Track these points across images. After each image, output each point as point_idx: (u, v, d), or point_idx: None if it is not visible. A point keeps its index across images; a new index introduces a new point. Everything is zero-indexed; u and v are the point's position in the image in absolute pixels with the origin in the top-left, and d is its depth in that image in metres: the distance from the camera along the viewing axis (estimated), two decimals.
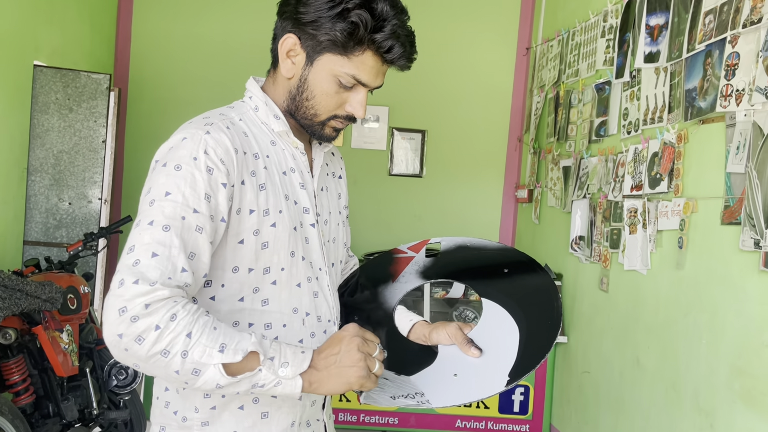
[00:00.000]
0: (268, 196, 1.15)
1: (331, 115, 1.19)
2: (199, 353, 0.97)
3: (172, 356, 0.97)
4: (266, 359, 1.01)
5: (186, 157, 1.07)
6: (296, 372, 1.02)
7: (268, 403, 1.17)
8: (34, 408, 2.63)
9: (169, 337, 0.96)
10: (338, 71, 1.15)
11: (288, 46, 1.17)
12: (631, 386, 2.96)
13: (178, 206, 1.04)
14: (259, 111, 1.22)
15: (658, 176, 2.77)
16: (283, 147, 1.22)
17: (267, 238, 1.14)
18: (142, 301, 0.96)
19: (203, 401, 1.15)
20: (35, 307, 2.48)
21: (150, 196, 1.06)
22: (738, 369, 2.22)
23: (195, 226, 1.04)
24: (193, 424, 1.16)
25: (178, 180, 1.05)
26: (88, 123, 3.68)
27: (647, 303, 2.85)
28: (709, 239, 2.42)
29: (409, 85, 4.87)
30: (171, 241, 1.01)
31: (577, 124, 3.76)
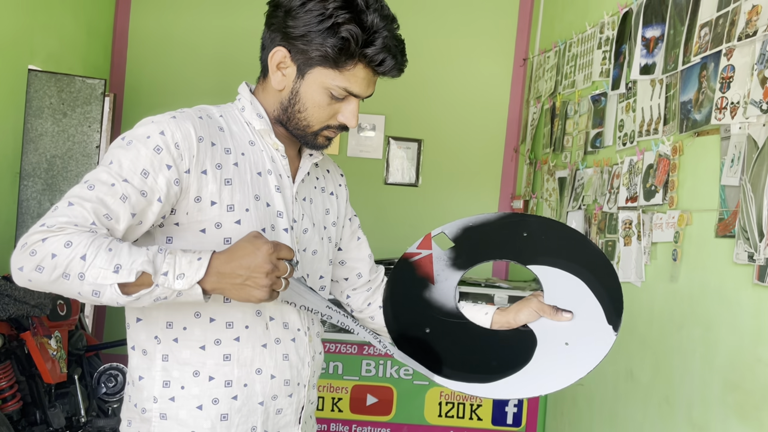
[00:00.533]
0: (233, 192, 1.15)
1: (324, 125, 1.21)
2: (94, 275, 1.01)
3: (72, 279, 1.01)
4: (159, 275, 1.03)
5: (140, 135, 1.11)
6: (192, 282, 1.04)
7: (227, 405, 1.17)
8: (21, 415, 2.60)
9: (65, 261, 1.00)
10: (330, 84, 1.16)
11: (278, 59, 1.18)
12: (624, 399, 2.94)
13: (112, 174, 1.08)
14: (245, 111, 1.23)
15: (653, 188, 2.76)
16: (262, 148, 1.22)
17: (230, 233, 1.15)
18: (39, 237, 1.01)
19: (162, 390, 1.16)
20: (23, 312, 2.45)
21: (99, 165, 1.12)
22: (732, 383, 2.20)
23: (120, 194, 1.07)
24: (152, 416, 1.16)
25: (125, 152, 1.10)
26: (82, 128, 3.67)
27: (641, 316, 2.84)
28: (704, 252, 2.41)
29: (405, 94, 4.87)
30: (89, 197, 1.05)
31: (573, 135, 3.76)
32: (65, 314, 2.83)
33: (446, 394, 3.81)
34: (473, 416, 3.83)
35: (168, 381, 1.15)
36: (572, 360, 1.27)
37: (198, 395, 1.15)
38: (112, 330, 4.61)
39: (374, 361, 3.84)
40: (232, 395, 1.16)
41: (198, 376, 1.15)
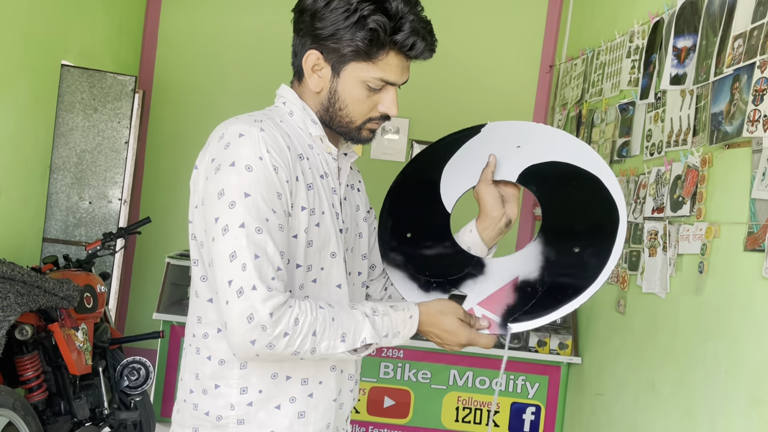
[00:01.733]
0: (314, 196, 1.18)
1: (366, 118, 1.22)
2: (325, 347, 1.10)
3: (302, 354, 1.09)
4: (381, 338, 1.15)
5: (252, 157, 1.09)
6: (406, 338, 1.19)
7: (304, 403, 1.19)
8: (46, 405, 2.64)
9: (298, 340, 1.07)
10: (365, 77, 1.18)
11: (312, 61, 1.19)
12: (645, 411, 2.92)
13: (261, 209, 1.08)
14: (294, 116, 1.23)
15: (681, 199, 2.74)
16: (318, 152, 1.23)
17: (312, 236, 1.17)
18: (267, 311, 1.05)
19: (239, 397, 1.16)
20: (52, 304, 2.49)
21: (227, 197, 1.08)
22: (757, 398, 2.18)
23: (278, 225, 1.09)
24: (229, 422, 1.16)
25: (252, 181, 1.08)
26: (112, 124, 3.72)
27: (665, 327, 2.82)
28: (731, 265, 2.38)
29: (430, 97, 4.87)
30: (266, 242, 1.07)
31: (599, 144, 3.74)
32: (92, 307, 2.87)
33: (463, 399, 3.81)
34: (490, 424, 3.82)
35: (245, 387, 1.16)
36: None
37: (276, 395, 1.17)
38: (133, 324, 4.67)
39: (392, 364, 3.85)
40: (308, 393, 1.18)
41: (276, 378, 1.16)
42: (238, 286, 1.04)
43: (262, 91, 4.99)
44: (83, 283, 2.87)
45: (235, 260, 1.05)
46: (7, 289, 2.27)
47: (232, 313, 1.04)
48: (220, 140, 1.13)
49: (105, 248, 3.25)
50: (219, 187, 1.09)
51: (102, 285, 3.04)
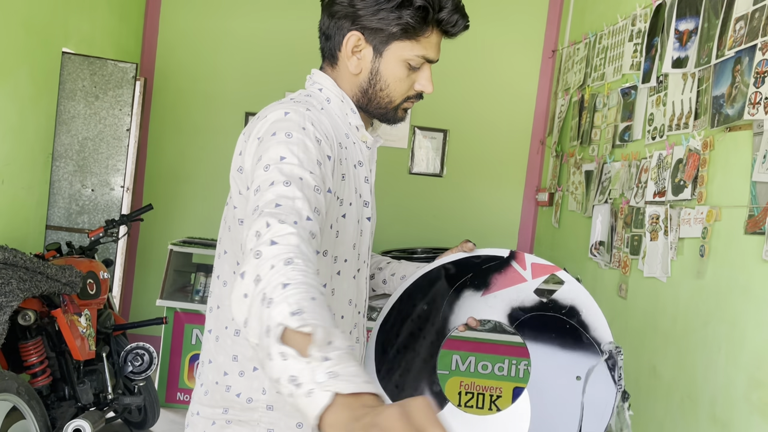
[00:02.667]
0: (345, 187, 1.16)
1: (405, 97, 1.23)
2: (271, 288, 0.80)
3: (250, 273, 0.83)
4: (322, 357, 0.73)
5: (295, 127, 1.06)
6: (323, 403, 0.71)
7: None
8: (50, 390, 2.67)
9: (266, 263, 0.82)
10: (408, 55, 1.18)
11: (353, 43, 1.18)
12: (646, 395, 2.93)
13: (295, 167, 0.99)
14: (331, 103, 1.22)
15: (682, 183, 2.74)
16: (354, 140, 1.23)
17: (339, 227, 1.16)
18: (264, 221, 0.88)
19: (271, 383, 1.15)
20: (55, 290, 2.51)
21: (263, 162, 1.01)
22: (757, 381, 2.18)
23: (314, 186, 0.99)
24: (258, 405, 1.16)
25: (290, 146, 1.02)
26: (114, 111, 3.72)
27: (666, 311, 2.82)
28: (732, 248, 2.38)
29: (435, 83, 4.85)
30: (294, 193, 0.95)
31: (601, 128, 3.73)
32: (95, 293, 2.89)
33: (466, 384, 3.82)
34: (492, 407, 3.84)
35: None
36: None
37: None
38: (137, 310, 4.69)
39: None
40: None
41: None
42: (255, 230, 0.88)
43: (266, 76, 5.01)
44: (86, 269, 2.89)
45: (255, 212, 0.93)
46: (9, 275, 2.28)
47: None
48: (265, 121, 1.09)
49: (108, 235, 3.26)
50: (258, 155, 1.04)
51: (105, 271, 3.06)
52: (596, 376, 1.16)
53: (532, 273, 1.23)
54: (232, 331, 1.19)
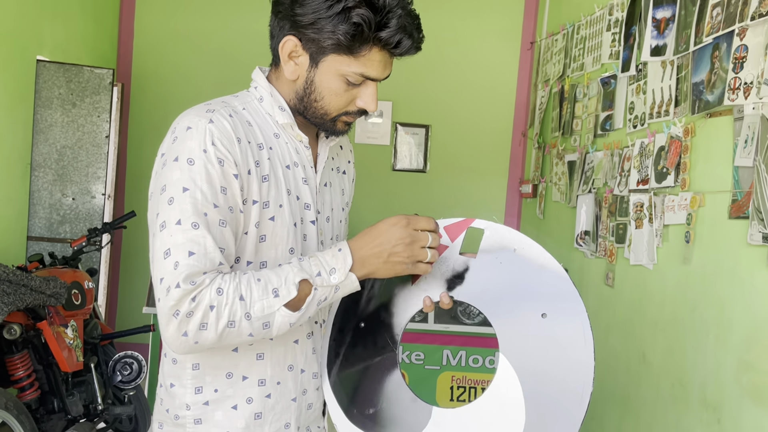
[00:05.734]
0: (270, 189, 1.12)
1: (342, 111, 1.16)
2: (259, 308, 1.02)
3: (238, 324, 1.02)
4: (314, 278, 1.05)
5: (196, 150, 1.05)
6: (345, 272, 1.06)
7: (261, 403, 1.15)
8: (39, 403, 2.63)
9: (226, 309, 1.01)
10: (345, 71, 1.11)
11: (289, 48, 1.13)
12: (637, 382, 2.95)
13: (198, 203, 1.03)
14: (264, 101, 1.18)
15: (665, 170, 2.75)
16: (286, 140, 1.18)
17: (264, 231, 1.12)
18: (188, 298, 1.00)
19: (194, 397, 1.14)
20: (40, 302, 2.47)
21: (167, 193, 1.05)
22: (746, 364, 2.20)
23: (218, 221, 1.04)
24: (186, 422, 1.14)
25: (192, 175, 1.04)
26: (92, 118, 3.67)
27: (653, 298, 2.84)
28: (717, 234, 2.40)
29: (412, 80, 4.85)
30: (204, 238, 1.02)
31: (582, 119, 3.74)
32: (80, 303, 2.85)
33: (457, 378, 3.83)
34: None
35: (200, 387, 1.14)
36: None
37: (232, 395, 1.13)
38: (124, 319, 4.65)
39: None
40: (265, 394, 1.14)
41: (231, 378, 1.13)
42: (167, 284, 1.00)
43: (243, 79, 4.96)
44: (70, 279, 2.85)
45: (169, 258, 1.01)
46: None
47: (161, 310, 1.01)
48: (171, 134, 1.09)
49: (91, 244, 3.22)
50: (162, 182, 1.06)
51: (89, 281, 3.02)
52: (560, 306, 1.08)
53: (450, 236, 1.16)
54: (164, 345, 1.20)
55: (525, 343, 1.09)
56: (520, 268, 1.11)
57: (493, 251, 1.13)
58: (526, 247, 1.12)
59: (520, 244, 1.12)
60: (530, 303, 1.10)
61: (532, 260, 1.11)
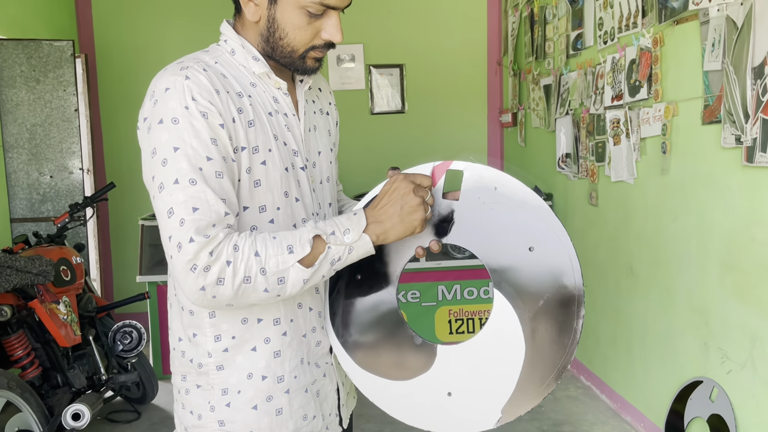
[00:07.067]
0: (257, 133, 1.12)
1: (309, 46, 1.15)
2: (274, 263, 1.05)
3: (254, 279, 1.04)
4: (329, 236, 1.08)
5: (178, 108, 1.05)
6: (359, 232, 1.09)
7: (278, 342, 1.18)
8: (42, 380, 2.67)
9: (242, 265, 1.03)
10: (305, 2, 1.10)
11: None
12: (626, 295, 3.00)
13: (191, 159, 1.04)
14: (236, 54, 1.17)
15: (638, 83, 2.74)
16: (263, 89, 1.17)
17: (258, 176, 1.12)
18: (205, 252, 1.02)
19: (215, 345, 1.16)
20: (27, 281, 2.48)
21: (159, 155, 1.05)
22: (728, 265, 2.24)
23: (215, 173, 1.05)
24: (209, 369, 1.17)
25: (180, 133, 1.04)
26: (58, 93, 3.61)
27: (636, 212, 2.86)
28: (692, 141, 2.41)
29: (381, 19, 4.76)
30: (204, 192, 1.04)
31: (554, 40, 3.69)
32: (70, 279, 2.86)
33: (454, 312, 3.89)
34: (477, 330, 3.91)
35: (219, 335, 1.16)
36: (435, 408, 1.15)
37: (249, 339, 1.16)
38: (120, 289, 4.67)
39: None
40: (281, 332, 1.17)
41: (246, 322, 1.15)
42: (177, 240, 1.02)
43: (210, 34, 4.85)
44: (57, 257, 2.85)
45: (173, 216, 1.03)
46: None
47: (177, 268, 1.03)
48: (151, 98, 1.09)
49: (74, 220, 3.21)
50: (152, 146, 1.06)
51: (77, 256, 3.02)
52: (544, 238, 1.10)
53: (434, 177, 1.17)
54: (173, 300, 1.21)
55: (516, 277, 1.12)
56: (502, 205, 1.13)
57: (474, 191, 1.15)
58: (506, 185, 1.13)
59: (500, 182, 1.14)
60: (516, 238, 1.12)
61: (513, 196, 1.13)
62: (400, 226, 1.11)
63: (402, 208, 1.11)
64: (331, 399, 1.26)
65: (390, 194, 1.12)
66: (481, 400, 1.12)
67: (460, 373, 1.15)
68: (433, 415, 1.16)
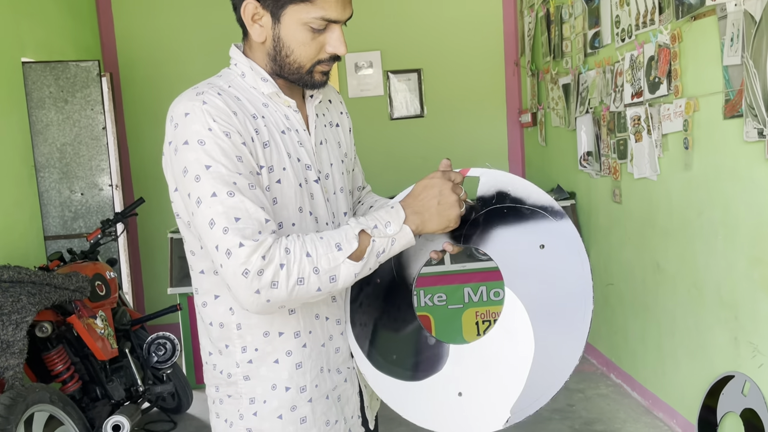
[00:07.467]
0: (272, 153, 1.17)
1: (315, 61, 1.20)
2: (326, 261, 1.09)
3: (307, 279, 1.08)
4: (372, 230, 1.12)
5: (202, 131, 1.10)
6: (400, 224, 1.14)
7: (300, 354, 1.23)
8: (82, 393, 2.74)
9: (295, 266, 1.07)
10: (306, 18, 1.15)
11: (250, 11, 1.18)
12: (654, 291, 3.00)
13: (224, 175, 1.08)
14: (246, 77, 1.23)
15: (657, 80, 2.74)
16: (275, 108, 1.23)
17: (276, 194, 1.17)
18: (257, 256, 1.05)
19: (242, 356, 1.21)
20: (65, 297, 2.55)
21: (191, 173, 1.09)
22: (755, 259, 2.24)
23: (248, 185, 1.09)
24: (237, 379, 1.22)
25: (208, 152, 1.09)
26: (86, 112, 3.70)
27: (661, 208, 2.87)
28: (714, 136, 2.41)
29: (398, 25, 4.80)
30: (243, 202, 1.07)
31: (571, 39, 3.70)
32: (105, 294, 2.94)
33: (481, 313, 3.91)
34: None
35: (245, 347, 1.21)
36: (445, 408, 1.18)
37: (271, 352, 1.21)
38: (152, 302, 4.76)
39: None
40: (302, 344, 1.21)
41: (268, 336, 1.20)
42: (225, 248, 1.06)
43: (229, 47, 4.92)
44: (92, 272, 2.92)
45: (215, 226, 1.07)
46: (18, 291, 2.32)
47: (228, 274, 1.06)
48: (171, 122, 1.14)
49: (106, 235, 3.29)
50: (182, 166, 1.11)
51: (111, 271, 3.10)
52: (556, 236, 1.14)
53: None
54: (201, 316, 1.26)
55: (527, 274, 1.15)
56: (515, 207, 1.18)
57: (488, 195, 1.20)
58: (519, 187, 1.18)
59: (513, 185, 1.19)
60: (528, 237, 1.16)
61: (526, 198, 1.17)
62: (436, 218, 1.15)
63: (440, 203, 1.15)
64: (353, 402, 1.31)
65: (429, 189, 1.16)
66: (490, 400, 1.15)
67: (471, 373, 1.17)
68: (443, 415, 1.19)
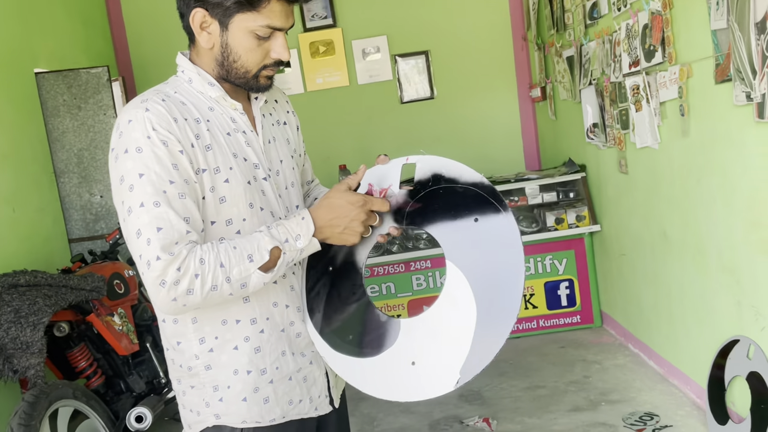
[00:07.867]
0: (216, 156, 1.23)
1: (261, 66, 1.26)
2: (237, 272, 1.18)
3: (220, 287, 1.17)
4: (284, 244, 1.22)
5: (141, 139, 1.17)
6: (309, 237, 1.24)
7: (257, 339, 1.29)
8: (106, 387, 2.86)
9: (209, 276, 1.16)
10: (252, 26, 1.21)
11: (199, 20, 1.23)
12: (662, 260, 2.99)
13: (155, 183, 1.15)
14: (194, 82, 1.29)
15: (652, 48, 2.72)
16: (221, 111, 1.28)
17: (223, 193, 1.23)
18: (173, 268, 1.13)
19: (200, 347, 1.28)
20: (82, 298, 2.66)
21: (126, 182, 1.17)
22: (753, 222, 2.23)
23: (177, 194, 1.16)
24: (199, 370, 1.29)
25: (144, 161, 1.16)
26: (99, 117, 3.81)
27: (664, 176, 2.85)
28: (707, 101, 2.39)
29: (402, 9, 4.80)
30: (167, 213, 1.15)
31: (572, 11, 3.67)
32: (123, 292, 3.05)
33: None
34: (528, 306, 3.94)
35: (203, 337, 1.27)
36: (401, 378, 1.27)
37: (231, 339, 1.28)
38: None
39: (423, 275, 3.98)
40: (259, 330, 1.28)
41: (226, 324, 1.27)
42: (146, 259, 1.13)
43: None
44: (110, 272, 3.03)
45: (141, 236, 1.14)
46: (34, 295, 2.43)
47: (148, 283, 1.15)
48: (116, 130, 1.21)
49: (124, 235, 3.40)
50: (119, 174, 1.18)
51: (129, 270, 3.21)
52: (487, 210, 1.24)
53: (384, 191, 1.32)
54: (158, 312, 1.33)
55: (465, 247, 1.24)
56: (451, 187, 1.27)
57: (425, 178, 1.29)
58: (452, 169, 1.27)
59: (447, 167, 1.28)
60: (463, 213, 1.25)
61: (458, 178, 1.26)
62: (338, 238, 1.27)
63: (345, 229, 1.26)
64: (320, 383, 1.38)
65: (344, 211, 1.26)
66: (441, 365, 1.23)
67: (422, 343, 1.26)
68: (398, 385, 1.27)
